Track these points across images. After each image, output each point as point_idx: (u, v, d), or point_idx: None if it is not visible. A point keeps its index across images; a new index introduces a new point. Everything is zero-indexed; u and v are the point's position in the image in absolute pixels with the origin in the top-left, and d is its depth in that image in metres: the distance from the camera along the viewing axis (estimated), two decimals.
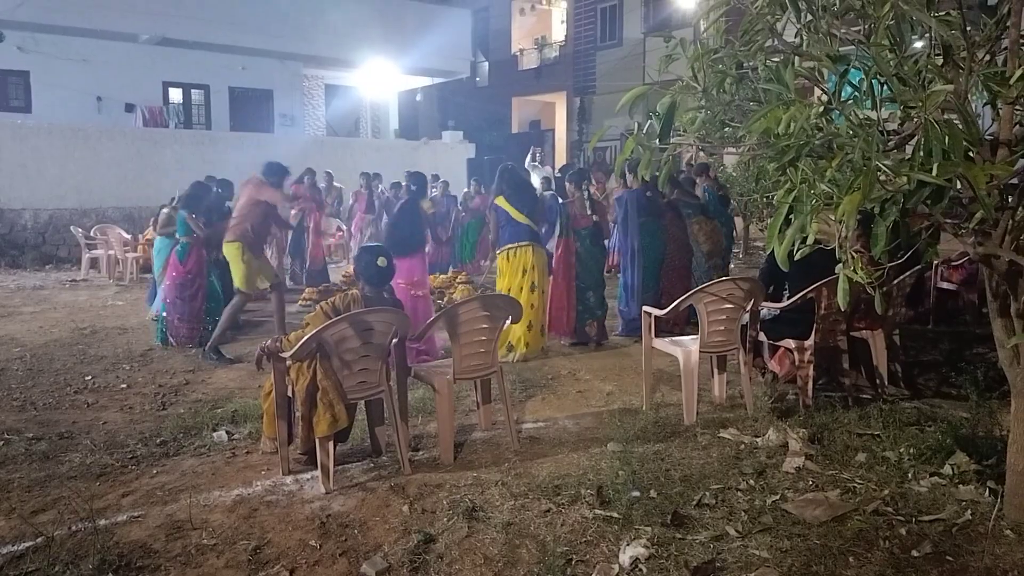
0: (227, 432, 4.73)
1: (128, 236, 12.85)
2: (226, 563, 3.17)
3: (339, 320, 3.83)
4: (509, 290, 6.73)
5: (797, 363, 4.99)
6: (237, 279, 6.96)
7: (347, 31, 19.20)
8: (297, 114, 21.11)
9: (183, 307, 7.37)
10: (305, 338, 3.78)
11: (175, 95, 19.26)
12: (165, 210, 9.02)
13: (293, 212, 10.62)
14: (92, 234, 13.17)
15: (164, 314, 7.41)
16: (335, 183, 13.54)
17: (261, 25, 17.87)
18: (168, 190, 14.76)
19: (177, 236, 7.52)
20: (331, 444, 3.88)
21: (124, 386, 5.95)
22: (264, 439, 4.35)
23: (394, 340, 4.10)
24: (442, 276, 10.35)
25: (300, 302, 9.48)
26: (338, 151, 18.41)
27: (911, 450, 4.03)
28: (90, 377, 6.17)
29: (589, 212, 7.27)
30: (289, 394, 4.01)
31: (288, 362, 3.91)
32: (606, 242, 7.84)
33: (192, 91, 19.46)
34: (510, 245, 6.80)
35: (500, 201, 6.88)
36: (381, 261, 4.15)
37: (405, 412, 4.32)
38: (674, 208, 7.85)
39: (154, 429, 4.84)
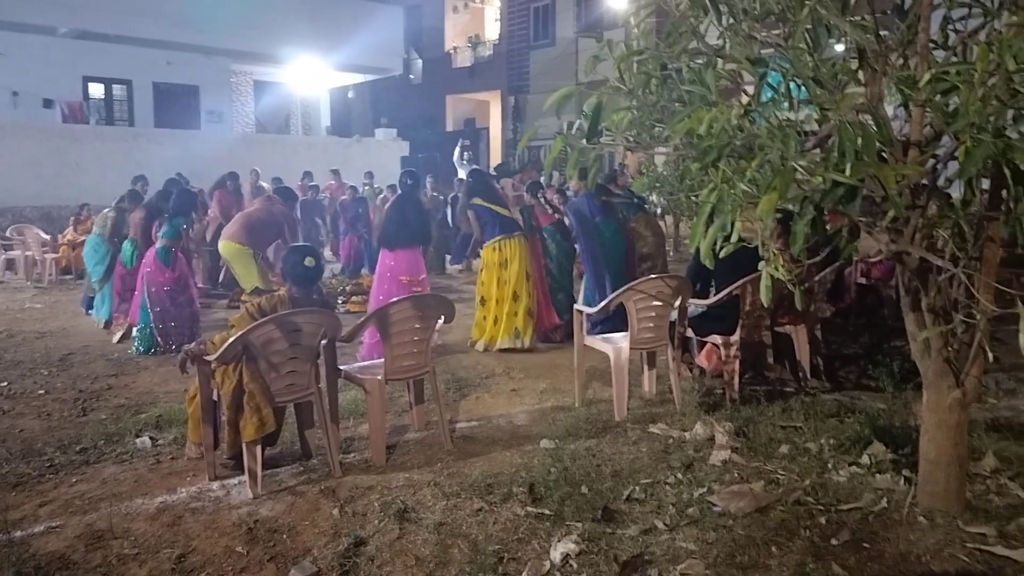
0: (151, 438, 4.59)
1: (47, 236, 12.37)
2: (149, 572, 3.08)
3: (265, 321, 3.76)
4: (497, 281, 6.88)
5: (724, 358, 5.10)
6: (252, 279, 7.15)
7: (277, 26, 18.84)
8: (225, 111, 20.65)
9: (177, 312, 6.99)
10: (230, 340, 3.70)
11: (96, 90, 18.62)
12: (110, 213, 8.35)
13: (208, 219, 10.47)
14: (8, 234, 12.66)
15: (151, 322, 6.89)
16: (261, 182, 13.17)
17: (187, 19, 17.37)
18: (90, 189, 14.36)
19: (160, 238, 7.07)
20: (259, 448, 3.81)
21: (42, 392, 5.73)
22: (189, 444, 4.25)
23: (323, 341, 4.05)
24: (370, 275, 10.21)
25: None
26: (268, 149, 18.09)
27: (831, 441, 4.16)
28: (6, 383, 5.93)
29: (550, 211, 7.54)
30: (215, 398, 3.92)
31: (213, 365, 3.82)
32: None
33: (114, 86, 18.84)
34: (501, 237, 6.91)
35: (480, 201, 6.99)
36: (308, 261, 4.09)
37: (336, 414, 4.27)
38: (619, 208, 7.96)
39: (74, 436, 4.67)
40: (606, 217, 7.49)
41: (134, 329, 7.11)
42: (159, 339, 6.91)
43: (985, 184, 3.07)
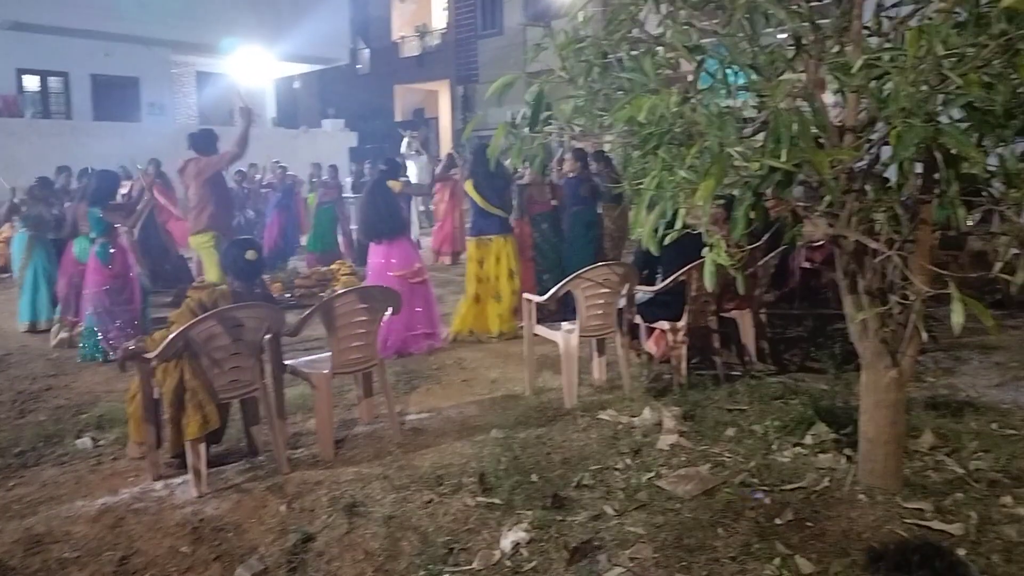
0: (92, 439, 4.48)
1: None
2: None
3: (206, 317, 3.68)
4: (478, 278, 6.82)
5: (671, 344, 5.15)
6: (213, 272, 6.43)
7: (219, 16, 18.44)
8: (167, 102, 20.18)
9: (121, 312, 6.48)
10: (170, 337, 3.62)
11: (31, 83, 18.04)
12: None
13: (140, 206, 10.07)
14: None
15: (94, 327, 6.41)
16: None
17: (125, 9, 16.89)
18: (26, 184, 13.86)
19: (91, 236, 6.58)
20: (203, 446, 3.74)
21: None
22: (131, 444, 4.15)
23: (267, 336, 3.98)
24: (324, 268, 10.09)
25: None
26: None
27: (776, 423, 4.23)
28: None
29: (549, 197, 7.37)
30: (156, 396, 3.84)
31: (154, 363, 3.74)
32: None
33: (49, 79, 18.27)
34: (478, 236, 6.83)
35: (469, 188, 6.83)
36: (250, 254, 4.01)
37: (282, 410, 4.21)
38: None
39: (11, 439, 4.54)
40: (588, 205, 7.54)
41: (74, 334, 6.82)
42: (105, 346, 6.39)
43: (919, 168, 3.14)
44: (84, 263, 6.86)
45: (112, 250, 6.53)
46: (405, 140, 15.50)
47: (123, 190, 7.74)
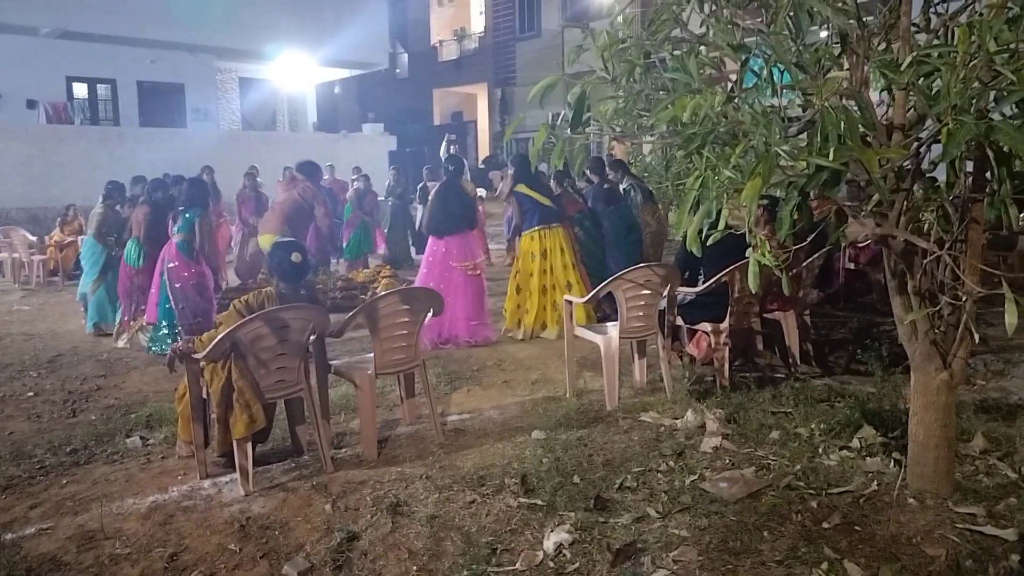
0: (141, 438, 4.58)
1: (33, 238, 12.28)
2: (141, 572, 3.07)
3: (253, 318, 3.74)
4: (542, 270, 6.90)
5: (713, 345, 5.11)
6: None
7: (261, 23, 18.75)
8: (211, 108, 20.55)
9: (202, 304, 6.57)
10: (218, 338, 3.69)
11: (80, 90, 18.51)
12: (97, 209, 8.02)
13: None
14: None
15: (170, 321, 6.61)
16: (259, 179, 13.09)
17: (170, 17, 17.25)
18: (76, 189, 14.27)
19: (175, 234, 6.74)
20: (249, 445, 3.80)
21: (31, 394, 5.71)
22: (179, 443, 4.23)
23: (312, 337, 4.03)
24: (365, 271, 10.19)
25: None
26: (254, 146, 18.00)
27: (822, 426, 4.18)
28: None
29: (579, 199, 7.67)
30: (204, 396, 3.91)
31: (202, 363, 3.81)
32: None
33: (98, 86, 18.73)
34: (540, 226, 6.93)
35: (522, 188, 7.00)
36: (295, 257, 4.07)
37: (326, 410, 4.26)
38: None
39: (64, 437, 4.65)
40: (614, 205, 7.60)
41: (142, 334, 6.99)
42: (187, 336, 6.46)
43: (969, 167, 3.08)
44: (130, 265, 7.24)
45: (189, 245, 6.68)
46: (444, 143, 15.60)
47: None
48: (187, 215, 6.68)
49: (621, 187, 8.46)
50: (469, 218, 7.09)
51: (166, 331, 6.69)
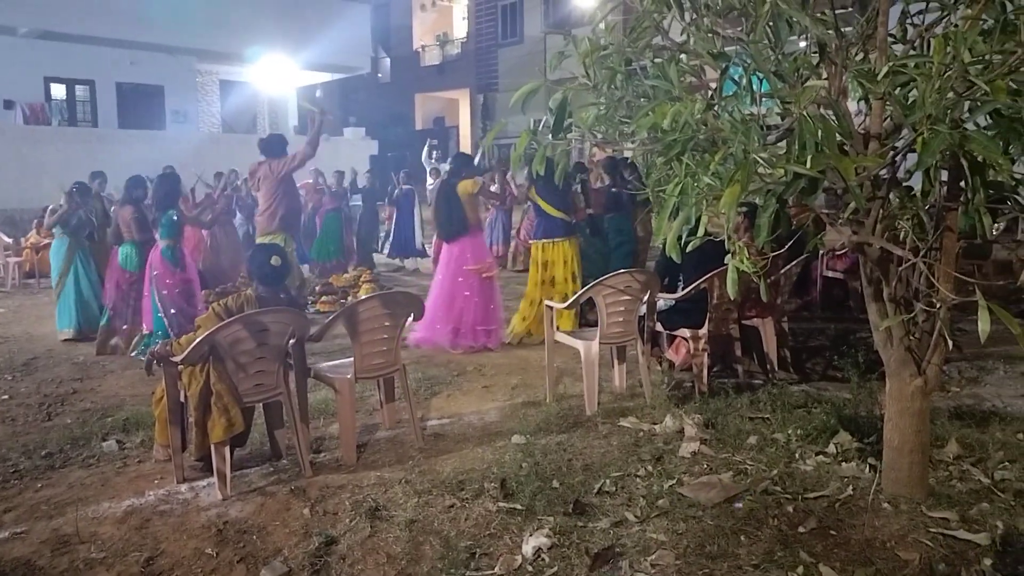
0: (118, 441, 4.54)
1: (9, 240, 12.15)
2: None
3: (232, 321, 3.72)
4: (542, 282, 6.88)
5: (692, 351, 5.14)
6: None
7: (243, 25, 18.61)
8: (190, 110, 20.38)
9: (190, 311, 6.41)
10: (197, 341, 3.66)
11: (58, 91, 18.27)
12: (60, 204, 7.90)
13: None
14: None
15: (164, 328, 6.40)
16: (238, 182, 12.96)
17: (150, 18, 17.07)
18: (52, 191, 14.04)
19: (159, 239, 6.61)
20: (227, 449, 3.77)
21: (6, 397, 5.64)
22: (157, 447, 4.20)
23: (291, 341, 4.02)
24: (346, 275, 10.15)
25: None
26: (235, 148, 17.86)
27: (798, 431, 4.21)
28: None
29: (583, 205, 7.55)
30: (182, 399, 3.88)
31: (180, 366, 3.78)
32: None
33: (76, 87, 18.50)
34: (544, 240, 6.90)
35: (532, 195, 7.00)
36: (275, 260, 4.06)
37: (305, 414, 4.25)
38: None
39: (39, 441, 4.60)
40: (617, 213, 7.60)
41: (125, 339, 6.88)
42: None
43: (944, 176, 3.13)
44: (128, 269, 6.95)
45: (177, 249, 6.64)
46: (426, 148, 15.58)
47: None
48: (163, 219, 6.57)
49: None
50: (465, 220, 6.83)
51: (162, 338, 6.41)
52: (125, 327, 6.98)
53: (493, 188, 9.33)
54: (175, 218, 6.60)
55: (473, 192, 6.83)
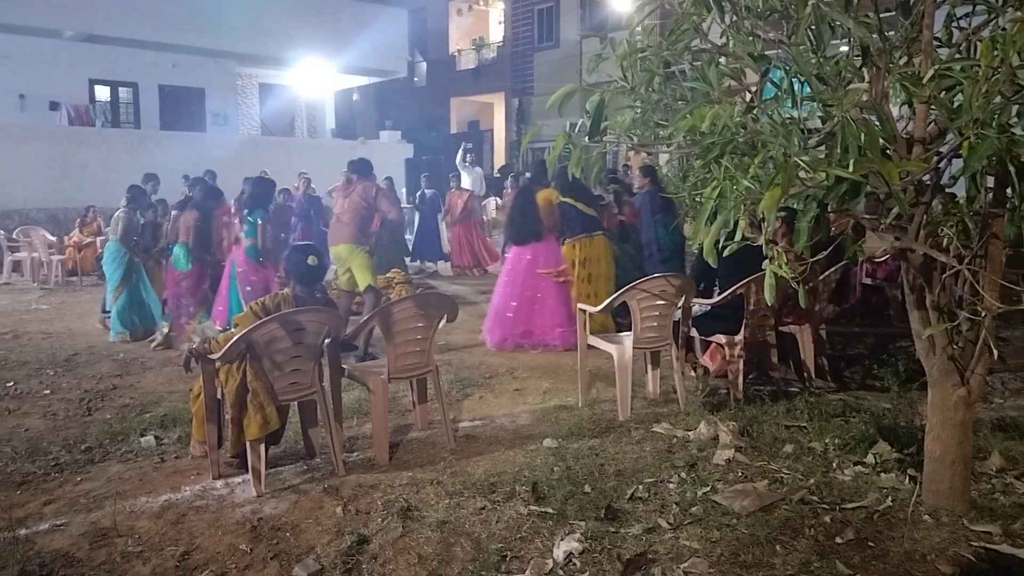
0: (155, 437, 4.61)
1: (53, 238, 12.42)
2: (152, 570, 3.09)
3: (269, 320, 3.76)
4: (580, 280, 7.00)
5: (728, 358, 5.09)
6: (367, 277, 6.80)
7: (282, 29, 18.86)
8: (230, 113, 20.66)
9: None
10: (234, 339, 3.71)
11: (102, 93, 18.64)
12: (120, 214, 7.82)
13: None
14: (15, 236, 12.71)
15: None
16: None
17: (192, 22, 17.41)
18: (96, 191, 14.41)
19: (243, 238, 6.84)
20: (262, 447, 3.81)
21: (48, 392, 5.75)
22: (193, 443, 4.25)
23: (327, 340, 4.05)
24: (380, 277, 10.19)
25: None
26: (273, 151, 18.11)
27: (836, 440, 4.14)
28: (12, 383, 5.95)
29: (615, 212, 7.86)
30: (218, 396, 3.93)
31: (217, 364, 3.83)
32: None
33: (120, 89, 18.86)
34: (582, 235, 7.03)
35: (568, 200, 7.08)
36: (311, 260, 4.09)
37: (339, 413, 4.27)
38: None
39: (79, 435, 4.69)
40: (665, 215, 7.63)
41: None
42: None
43: (990, 181, 3.06)
44: (180, 270, 7.29)
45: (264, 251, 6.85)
46: (460, 151, 15.66)
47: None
48: (251, 218, 6.78)
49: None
50: (539, 225, 7.04)
51: None
52: (181, 321, 7.23)
53: None
54: (256, 219, 6.77)
55: (553, 201, 7.02)
